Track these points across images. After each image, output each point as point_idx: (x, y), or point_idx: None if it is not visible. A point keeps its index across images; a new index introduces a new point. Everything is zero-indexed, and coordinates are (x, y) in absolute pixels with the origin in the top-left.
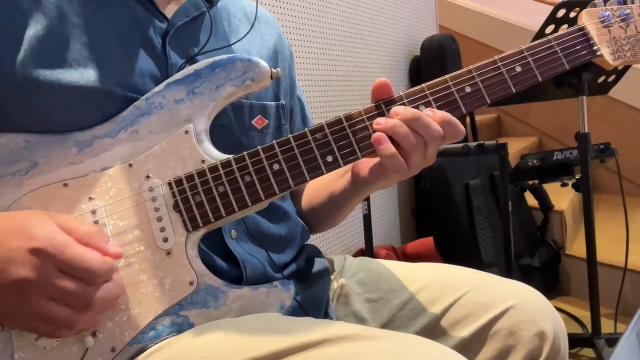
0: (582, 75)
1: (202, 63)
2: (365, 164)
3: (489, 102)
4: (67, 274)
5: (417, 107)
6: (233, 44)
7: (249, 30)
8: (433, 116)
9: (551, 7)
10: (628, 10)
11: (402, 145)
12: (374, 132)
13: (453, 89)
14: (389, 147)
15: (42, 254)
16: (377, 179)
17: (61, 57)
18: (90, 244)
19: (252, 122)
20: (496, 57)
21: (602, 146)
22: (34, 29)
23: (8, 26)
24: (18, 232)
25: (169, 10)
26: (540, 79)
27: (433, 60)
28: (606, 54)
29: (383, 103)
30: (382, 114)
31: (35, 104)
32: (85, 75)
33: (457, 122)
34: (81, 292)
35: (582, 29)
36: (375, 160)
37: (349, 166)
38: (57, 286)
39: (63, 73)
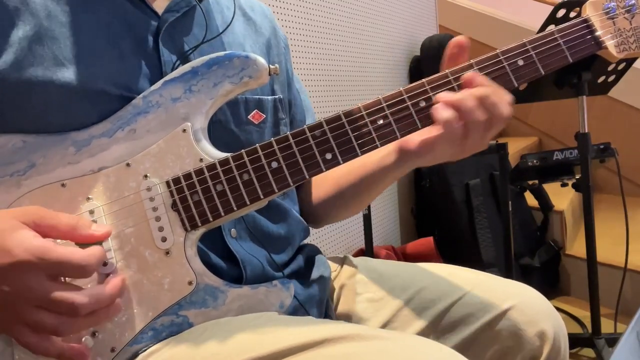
0: (582, 75)
1: (199, 60)
2: (416, 137)
3: None
4: (56, 277)
5: (416, 103)
6: (222, 32)
7: (231, 21)
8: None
9: (551, 7)
10: (633, 1)
11: (464, 120)
12: (431, 107)
13: (454, 84)
14: (447, 111)
15: (22, 266)
16: (426, 151)
17: (52, 57)
18: (74, 236)
19: (249, 117)
20: (498, 51)
21: (602, 146)
22: (22, 29)
23: None
24: None
25: (159, 6)
26: (543, 73)
27: (433, 60)
28: (610, 46)
29: (382, 98)
30: (381, 110)
31: (31, 104)
32: (77, 74)
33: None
34: (68, 298)
35: (585, 20)
36: (427, 134)
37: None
38: (43, 295)
39: (56, 73)
